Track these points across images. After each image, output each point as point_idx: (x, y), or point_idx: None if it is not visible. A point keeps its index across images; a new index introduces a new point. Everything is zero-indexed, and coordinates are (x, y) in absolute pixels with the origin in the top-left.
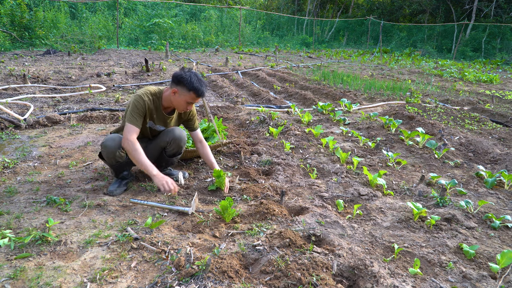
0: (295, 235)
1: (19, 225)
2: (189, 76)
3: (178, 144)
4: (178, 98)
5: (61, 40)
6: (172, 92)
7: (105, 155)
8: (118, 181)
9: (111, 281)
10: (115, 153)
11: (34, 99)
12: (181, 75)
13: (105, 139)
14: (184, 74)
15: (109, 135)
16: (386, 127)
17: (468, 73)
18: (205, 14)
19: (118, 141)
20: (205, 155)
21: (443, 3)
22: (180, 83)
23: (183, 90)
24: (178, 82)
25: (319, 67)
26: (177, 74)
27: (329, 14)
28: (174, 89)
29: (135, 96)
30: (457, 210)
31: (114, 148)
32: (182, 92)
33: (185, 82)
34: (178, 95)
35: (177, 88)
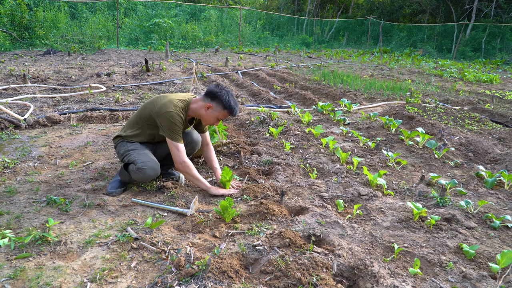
0: (295, 235)
1: (19, 225)
2: (226, 95)
3: (193, 147)
4: (211, 114)
5: (61, 40)
6: (206, 107)
7: (139, 178)
8: (117, 182)
9: (111, 281)
10: (147, 180)
11: (34, 99)
12: (218, 93)
13: (145, 164)
14: (221, 92)
15: (145, 157)
16: (386, 127)
17: (468, 73)
18: (205, 14)
19: (158, 170)
20: (210, 158)
21: (443, 3)
22: (217, 99)
23: (218, 107)
24: (214, 98)
25: (319, 67)
26: (214, 91)
27: (329, 14)
28: (208, 104)
29: (171, 113)
30: (457, 210)
31: (153, 177)
32: (217, 109)
33: (223, 100)
34: (211, 110)
35: (212, 104)
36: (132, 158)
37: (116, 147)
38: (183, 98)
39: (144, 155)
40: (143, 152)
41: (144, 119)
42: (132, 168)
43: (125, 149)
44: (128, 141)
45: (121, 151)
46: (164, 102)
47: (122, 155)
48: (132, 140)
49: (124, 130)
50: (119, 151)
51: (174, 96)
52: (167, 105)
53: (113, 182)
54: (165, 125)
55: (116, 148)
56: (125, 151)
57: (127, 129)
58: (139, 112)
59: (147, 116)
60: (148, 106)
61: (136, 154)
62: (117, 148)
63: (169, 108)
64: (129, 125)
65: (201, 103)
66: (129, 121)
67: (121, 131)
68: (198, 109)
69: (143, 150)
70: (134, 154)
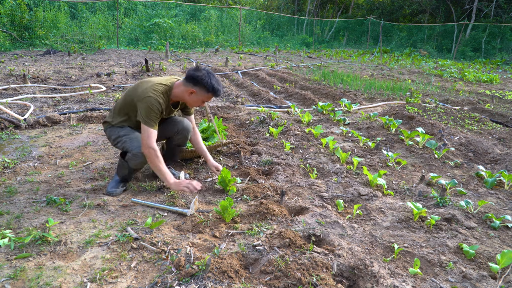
0: (295, 235)
1: (19, 225)
2: (207, 77)
3: (185, 135)
4: (195, 98)
5: (61, 40)
6: (189, 92)
7: (137, 164)
8: (117, 182)
9: (111, 281)
10: (146, 163)
11: (34, 99)
12: (199, 77)
13: (140, 149)
14: (202, 76)
15: (138, 141)
16: (386, 127)
17: (468, 73)
18: (205, 14)
19: None
20: (197, 142)
21: (443, 3)
22: (199, 84)
23: (202, 91)
24: (196, 83)
25: (319, 67)
26: (195, 75)
27: (329, 14)
28: (191, 89)
29: (149, 98)
30: (457, 210)
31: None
32: (201, 93)
33: (205, 83)
34: (195, 95)
35: (194, 89)
36: (126, 146)
37: (106, 131)
38: (165, 83)
39: (136, 140)
40: (135, 137)
41: (129, 105)
42: (128, 156)
43: (116, 135)
44: (118, 126)
45: (113, 137)
46: (146, 87)
47: (114, 141)
48: (122, 125)
49: (111, 117)
50: (110, 136)
51: (156, 80)
52: (148, 90)
53: (112, 182)
54: (142, 109)
55: (107, 132)
56: (117, 137)
57: (115, 116)
58: (124, 98)
59: (131, 102)
60: (131, 92)
61: (129, 140)
62: (108, 133)
63: (149, 93)
64: (116, 111)
65: (183, 88)
66: (116, 108)
67: (109, 117)
68: (181, 94)
69: (134, 134)
70: (127, 141)
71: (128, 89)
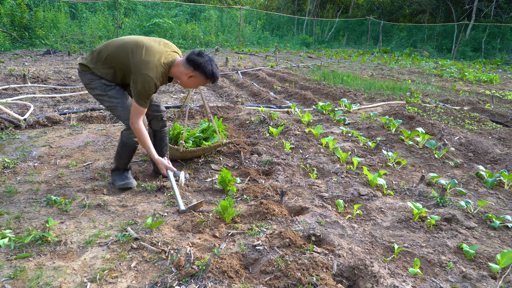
0: (295, 235)
1: (19, 225)
2: (209, 64)
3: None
4: (192, 81)
5: (61, 40)
6: (188, 75)
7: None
8: (124, 174)
9: (111, 281)
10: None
11: (34, 99)
12: (201, 63)
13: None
14: (203, 62)
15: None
16: (386, 127)
17: (468, 73)
18: (205, 14)
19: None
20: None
21: (443, 3)
22: (199, 69)
23: (201, 76)
24: (196, 68)
25: (319, 67)
26: (197, 60)
27: (329, 14)
28: (190, 73)
29: (148, 78)
30: (457, 210)
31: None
32: (199, 78)
33: (205, 69)
34: (193, 79)
35: (194, 73)
36: (119, 114)
37: (84, 75)
38: (167, 62)
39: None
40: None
41: (119, 61)
42: (124, 134)
43: (103, 92)
44: (102, 78)
45: (97, 91)
46: (147, 59)
47: (98, 96)
48: (105, 77)
49: (93, 62)
50: (92, 87)
51: (158, 54)
52: (150, 67)
53: (116, 176)
54: (138, 86)
55: (85, 76)
56: (103, 94)
57: (97, 63)
58: (113, 50)
59: (123, 60)
60: (125, 49)
61: (123, 110)
62: (86, 79)
63: (150, 71)
64: (100, 58)
65: (183, 69)
66: (99, 54)
67: (89, 61)
68: (179, 74)
69: (127, 102)
70: (121, 110)
71: (120, 42)
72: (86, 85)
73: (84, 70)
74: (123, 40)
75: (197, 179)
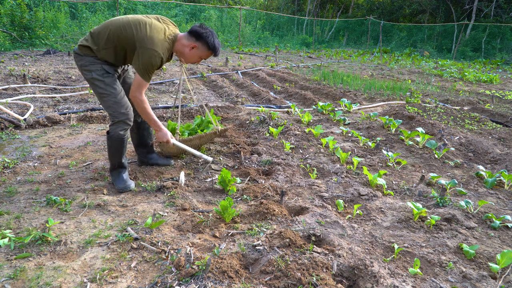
0: (295, 235)
1: (19, 225)
2: (211, 36)
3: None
4: (195, 53)
5: (61, 40)
6: (190, 46)
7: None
8: (121, 174)
9: (111, 281)
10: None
11: (34, 99)
12: (203, 33)
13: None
14: (206, 33)
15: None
16: (386, 127)
17: (468, 73)
18: (205, 14)
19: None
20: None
21: (443, 3)
22: (201, 39)
23: (203, 47)
24: (199, 38)
25: (319, 67)
26: (200, 31)
27: (329, 14)
28: (193, 44)
29: (154, 52)
30: (457, 210)
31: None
32: (202, 49)
33: (208, 41)
34: (196, 50)
35: (196, 44)
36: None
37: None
38: (171, 37)
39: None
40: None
41: (123, 39)
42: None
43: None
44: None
45: (95, 75)
46: (152, 35)
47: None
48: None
49: (96, 43)
50: (93, 70)
51: (162, 30)
52: (155, 42)
53: (117, 178)
54: (143, 61)
55: (84, 60)
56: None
57: (100, 44)
58: (115, 29)
59: (127, 38)
60: (128, 27)
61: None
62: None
63: (156, 46)
64: (101, 39)
65: (185, 42)
66: (99, 35)
67: (92, 43)
68: (181, 48)
69: (121, 94)
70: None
71: (120, 21)
72: (83, 67)
73: (85, 52)
74: (123, 19)
75: (197, 179)
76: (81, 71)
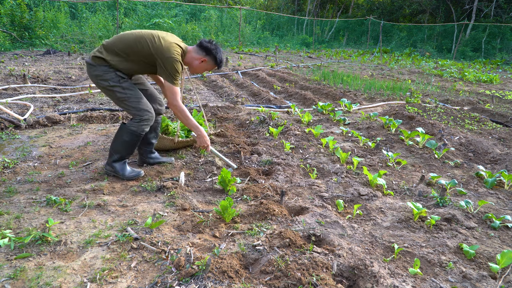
0: (295, 235)
1: (19, 225)
2: (219, 51)
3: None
4: (203, 66)
5: (61, 40)
6: (200, 60)
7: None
8: (126, 165)
9: (111, 281)
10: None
11: (34, 99)
12: (213, 49)
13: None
14: (214, 48)
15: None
16: (386, 127)
17: (468, 73)
18: (205, 14)
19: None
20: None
21: (443, 3)
22: (211, 54)
23: (211, 61)
24: (208, 53)
25: (319, 67)
26: (209, 47)
27: (329, 14)
28: (203, 58)
29: (174, 59)
30: (457, 210)
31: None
32: (210, 63)
33: (217, 56)
34: (204, 63)
35: (206, 58)
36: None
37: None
38: (181, 46)
39: (146, 104)
40: (144, 101)
41: (138, 53)
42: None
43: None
44: (117, 70)
45: (112, 83)
46: (166, 45)
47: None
48: (120, 70)
49: (110, 55)
50: (108, 78)
51: (172, 39)
52: (171, 50)
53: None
54: (169, 69)
55: (99, 69)
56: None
57: (113, 56)
58: (130, 43)
59: (143, 52)
60: (143, 40)
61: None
62: (102, 74)
63: (173, 53)
64: (113, 51)
65: (195, 55)
66: (113, 48)
67: (106, 55)
68: (191, 60)
69: (140, 95)
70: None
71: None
72: (98, 77)
73: (99, 62)
74: (136, 33)
75: (197, 179)
76: (96, 81)
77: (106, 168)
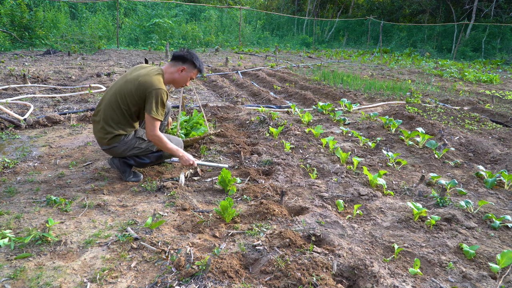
0: (295, 235)
1: (19, 225)
2: (195, 56)
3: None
4: (184, 75)
5: (61, 40)
6: (179, 70)
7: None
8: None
9: (111, 281)
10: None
11: (34, 99)
12: (186, 55)
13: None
14: (188, 54)
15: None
16: (386, 127)
17: (468, 73)
18: (205, 14)
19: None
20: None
21: (443, 3)
22: (188, 61)
23: (191, 67)
24: (185, 61)
25: (319, 67)
26: (183, 54)
27: (329, 14)
28: (181, 67)
29: (158, 90)
30: (457, 210)
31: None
32: (189, 69)
33: (193, 60)
34: (185, 72)
35: (184, 66)
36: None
37: (121, 143)
38: (159, 73)
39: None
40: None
41: (129, 98)
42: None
43: (139, 142)
44: (129, 133)
45: (136, 144)
46: (146, 79)
47: (137, 147)
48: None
49: (119, 128)
50: (134, 145)
51: (149, 71)
52: (154, 82)
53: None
54: (155, 102)
55: (122, 144)
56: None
57: (122, 124)
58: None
59: (129, 98)
60: (124, 89)
61: (148, 142)
62: (128, 144)
63: (157, 85)
64: (119, 121)
65: (173, 69)
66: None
67: (118, 129)
68: (171, 75)
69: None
70: (148, 143)
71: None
72: (125, 151)
73: (118, 139)
74: (114, 87)
75: (197, 180)
76: (123, 153)
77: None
